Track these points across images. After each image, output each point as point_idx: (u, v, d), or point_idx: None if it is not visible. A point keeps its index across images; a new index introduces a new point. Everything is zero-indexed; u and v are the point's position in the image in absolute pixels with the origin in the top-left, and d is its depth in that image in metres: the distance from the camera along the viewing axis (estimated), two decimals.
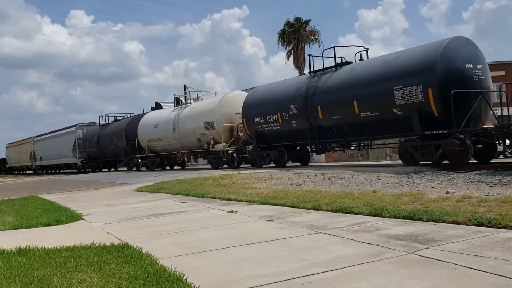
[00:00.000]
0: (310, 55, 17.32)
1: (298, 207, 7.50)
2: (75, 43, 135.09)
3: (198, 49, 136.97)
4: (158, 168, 27.48)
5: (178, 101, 30.54)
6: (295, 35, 39.43)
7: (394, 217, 6.03)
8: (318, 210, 7.11)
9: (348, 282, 3.36)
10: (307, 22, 39.82)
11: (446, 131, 12.37)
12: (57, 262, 4.28)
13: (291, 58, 40.27)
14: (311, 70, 17.10)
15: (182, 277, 3.56)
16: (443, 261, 3.76)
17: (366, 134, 14.55)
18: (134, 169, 30.12)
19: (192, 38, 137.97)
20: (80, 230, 6.65)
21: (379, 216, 6.20)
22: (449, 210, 5.92)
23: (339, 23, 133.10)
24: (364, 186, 9.80)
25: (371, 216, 6.27)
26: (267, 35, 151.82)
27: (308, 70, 17.81)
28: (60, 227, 6.98)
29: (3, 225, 7.15)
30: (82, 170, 37.68)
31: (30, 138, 52.48)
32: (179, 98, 31.22)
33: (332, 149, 17.40)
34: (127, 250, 4.68)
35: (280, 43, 40.81)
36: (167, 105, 30.97)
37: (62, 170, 44.11)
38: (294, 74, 37.33)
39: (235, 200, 9.16)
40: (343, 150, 18.68)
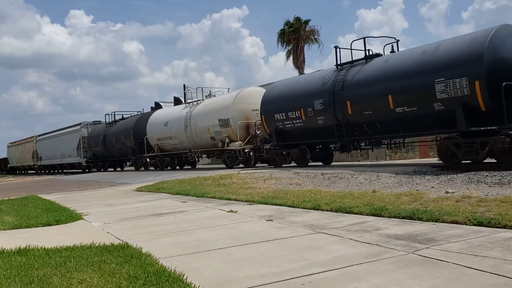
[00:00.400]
0: (336, 47, 16.01)
1: (298, 207, 7.51)
2: (75, 43, 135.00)
3: (198, 49, 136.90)
4: (167, 167, 26.39)
5: (177, 101, 30.57)
6: (295, 35, 39.43)
7: (394, 217, 6.04)
8: (317, 210, 7.12)
9: (347, 282, 3.37)
10: (307, 22, 39.85)
11: (495, 127, 11.26)
12: (57, 262, 4.28)
13: (291, 58, 40.28)
14: (338, 63, 15.77)
15: (182, 276, 3.56)
16: (443, 261, 3.77)
17: (401, 131, 13.45)
18: (142, 168, 29.00)
19: (191, 38, 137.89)
20: (80, 230, 6.65)
21: (379, 216, 6.20)
22: (448, 210, 5.93)
23: (339, 23, 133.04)
24: (363, 186, 9.81)
25: (371, 216, 6.28)
26: (267, 35, 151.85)
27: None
28: (60, 227, 6.98)
29: (3, 225, 7.15)
30: (86, 170, 36.60)
31: (32, 137, 51.39)
32: (179, 98, 31.24)
33: (359, 147, 16.21)
34: (127, 250, 4.69)
35: (279, 43, 40.85)
36: (167, 105, 30.87)
37: (66, 170, 43.14)
38: (294, 74, 37.34)
39: (235, 200, 9.17)
40: (372, 149, 17.26)
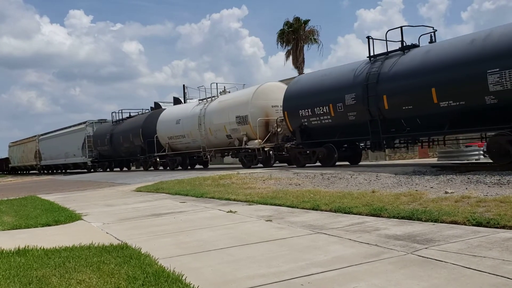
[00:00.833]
0: (369, 37, 14.80)
1: (297, 207, 7.51)
2: (74, 43, 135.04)
3: (197, 49, 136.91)
4: (178, 167, 25.29)
5: (177, 101, 30.52)
6: (294, 35, 39.42)
7: (393, 217, 6.04)
8: (317, 210, 7.12)
9: (347, 282, 3.37)
10: (306, 22, 39.84)
11: None
12: (56, 262, 4.28)
13: (290, 58, 40.26)
14: (371, 54, 14.63)
15: (181, 277, 3.56)
16: (442, 261, 3.77)
17: (446, 127, 12.37)
18: (152, 168, 27.77)
19: (191, 38, 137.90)
20: (79, 230, 6.65)
21: (378, 216, 6.21)
22: (448, 210, 5.93)
23: (338, 23, 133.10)
24: (363, 186, 9.81)
25: (370, 216, 6.28)
26: (266, 35, 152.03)
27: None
28: (59, 227, 6.98)
29: (2, 225, 7.15)
30: (92, 170, 35.45)
31: (34, 136, 50.35)
32: (179, 98, 31.18)
33: (392, 145, 15.08)
34: (126, 250, 4.69)
35: (279, 43, 40.80)
36: (167, 105, 30.60)
37: (70, 170, 42.04)
38: (294, 74, 37.28)
39: (234, 200, 9.17)
40: (407, 147, 16.09)
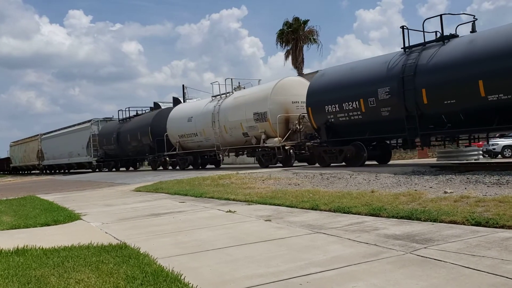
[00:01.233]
0: (403, 27, 13.78)
1: (296, 207, 7.51)
2: (74, 43, 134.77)
3: (197, 49, 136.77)
4: (188, 167, 24.40)
5: (176, 101, 30.51)
6: (294, 35, 39.43)
7: (392, 217, 6.04)
8: (316, 210, 7.12)
9: (346, 282, 3.37)
10: (306, 22, 39.84)
11: None
12: (55, 262, 4.28)
13: (290, 58, 40.27)
14: (406, 45, 13.72)
15: (180, 277, 3.56)
16: (441, 260, 3.77)
17: (494, 123, 11.39)
18: (161, 168, 26.86)
19: (190, 38, 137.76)
20: (78, 230, 6.64)
21: (377, 216, 6.21)
22: (447, 210, 5.93)
23: (338, 23, 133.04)
24: (362, 186, 9.81)
25: (369, 216, 6.28)
26: (266, 35, 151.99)
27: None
28: (58, 227, 6.97)
29: (1, 225, 7.15)
30: (97, 170, 34.46)
31: (37, 135, 49.47)
32: (178, 99, 31.18)
33: (428, 143, 13.94)
34: (125, 250, 4.68)
35: (278, 43, 40.80)
36: (166, 105, 30.55)
37: (73, 170, 41.24)
38: (293, 74, 37.29)
39: (234, 200, 9.17)
40: (444, 145, 15.14)
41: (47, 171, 47.31)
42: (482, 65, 11.37)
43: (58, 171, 44.76)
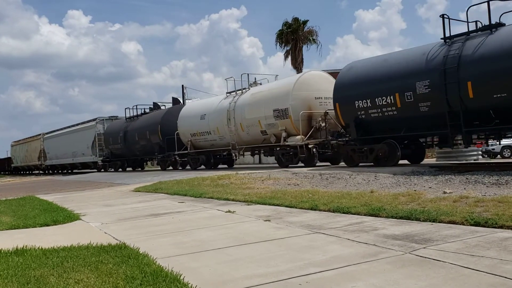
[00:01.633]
0: (444, 15, 12.73)
1: (296, 207, 7.51)
2: (73, 43, 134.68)
3: (196, 49, 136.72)
4: (200, 166, 23.49)
5: (176, 101, 30.53)
6: (293, 36, 39.44)
7: (392, 217, 6.05)
8: (315, 210, 7.12)
9: (345, 282, 3.37)
10: (305, 22, 39.86)
11: None
12: (54, 262, 4.28)
13: (289, 58, 40.29)
14: (447, 35, 12.61)
15: (179, 277, 3.56)
16: (440, 260, 3.78)
17: None
18: (170, 168, 25.87)
19: (190, 38, 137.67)
20: (77, 230, 6.65)
21: (377, 216, 6.21)
22: (446, 210, 5.94)
23: (337, 24, 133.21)
24: (361, 186, 9.81)
25: (369, 216, 6.29)
26: (265, 36, 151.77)
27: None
28: (57, 227, 6.97)
29: (0, 225, 7.15)
30: (102, 170, 33.64)
31: (39, 135, 48.31)
32: (177, 99, 31.19)
33: (470, 141, 13.05)
34: (124, 250, 4.69)
35: (278, 44, 40.80)
36: (166, 105, 30.60)
37: (77, 170, 40.37)
38: (293, 74, 37.32)
39: (233, 200, 9.17)
40: (486, 143, 14.24)
41: (50, 171, 46.41)
42: None
43: (61, 171, 43.78)
